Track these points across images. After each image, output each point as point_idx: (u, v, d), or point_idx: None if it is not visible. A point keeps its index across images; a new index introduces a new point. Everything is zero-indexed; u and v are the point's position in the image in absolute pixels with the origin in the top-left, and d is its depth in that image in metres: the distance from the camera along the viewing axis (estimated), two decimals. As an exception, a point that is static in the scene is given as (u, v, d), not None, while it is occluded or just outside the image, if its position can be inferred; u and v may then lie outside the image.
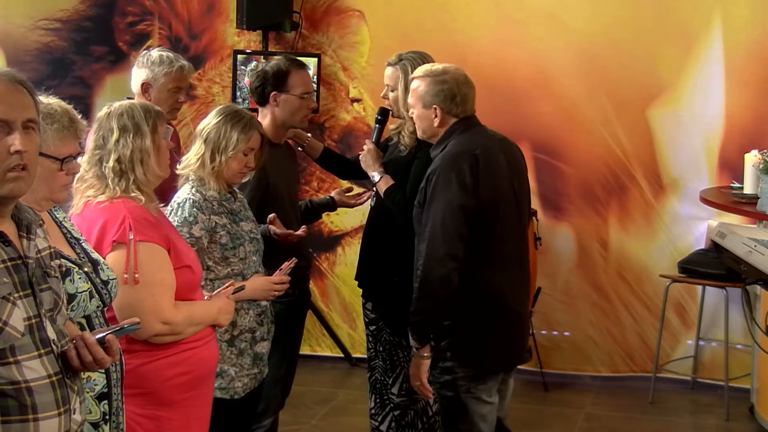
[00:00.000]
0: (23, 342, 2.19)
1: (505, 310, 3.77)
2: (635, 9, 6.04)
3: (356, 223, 6.26)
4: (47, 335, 2.24)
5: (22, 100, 2.25)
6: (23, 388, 2.17)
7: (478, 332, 3.73)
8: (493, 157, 3.74)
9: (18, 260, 2.23)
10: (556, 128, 6.09)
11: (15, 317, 2.17)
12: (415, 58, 4.32)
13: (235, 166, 3.70)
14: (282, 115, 4.32)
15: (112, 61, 6.54)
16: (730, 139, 5.96)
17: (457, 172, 3.63)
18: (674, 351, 6.17)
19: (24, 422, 2.17)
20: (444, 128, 3.79)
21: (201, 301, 3.28)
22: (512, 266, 3.80)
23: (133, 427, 3.05)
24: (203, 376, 3.25)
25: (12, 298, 2.18)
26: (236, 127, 3.69)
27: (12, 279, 2.20)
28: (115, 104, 3.22)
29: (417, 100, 3.81)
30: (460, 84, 3.78)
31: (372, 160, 4.35)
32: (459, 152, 3.69)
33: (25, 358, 2.19)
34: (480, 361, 3.74)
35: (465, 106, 3.79)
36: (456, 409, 3.78)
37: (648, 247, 6.15)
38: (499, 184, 3.72)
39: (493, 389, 3.81)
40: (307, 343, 6.41)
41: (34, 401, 2.18)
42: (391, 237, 4.34)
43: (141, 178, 3.13)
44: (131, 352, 3.06)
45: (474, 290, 3.69)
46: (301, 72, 4.35)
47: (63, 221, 2.88)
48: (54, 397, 2.22)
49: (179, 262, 3.16)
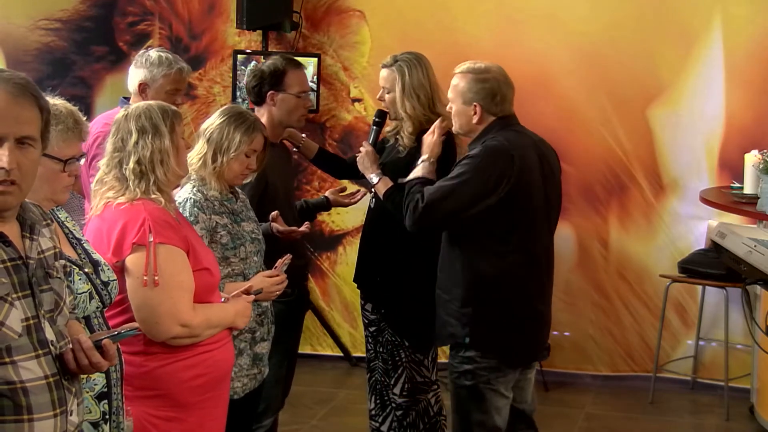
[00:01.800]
0: (20, 342, 2.18)
1: (530, 305, 3.89)
2: (635, 9, 6.05)
3: (357, 223, 6.26)
4: (45, 336, 2.23)
5: (21, 114, 2.19)
6: (19, 389, 2.16)
7: (502, 324, 3.83)
8: (528, 158, 3.83)
9: (18, 260, 2.22)
10: (556, 128, 6.08)
11: (12, 318, 2.16)
12: (410, 59, 4.33)
13: (237, 168, 3.70)
14: (279, 115, 4.32)
15: (113, 61, 6.54)
16: (730, 139, 5.97)
17: (492, 165, 3.74)
18: (674, 351, 6.17)
19: (18, 422, 2.16)
20: (482, 126, 3.87)
21: (218, 303, 3.28)
22: (540, 263, 3.91)
23: (149, 429, 3.06)
24: (219, 378, 3.25)
25: (10, 299, 2.17)
26: (240, 128, 3.70)
27: (11, 279, 2.19)
28: (131, 106, 3.23)
29: (457, 96, 3.89)
30: (501, 83, 3.87)
31: (370, 162, 4.36)
32: (496, 148, 3.78)
33: (22, 358, 2.18)
34: (502, 353, 3.83)
35: (504, 106, 3.88)
36: (473, 398, 3.85)
37: (648, 247, 6.15)
38: (531, 183, 3.81)
39: (510, 384, 3.90)
40: (308, 342, 6.41)
41: (29, 402, 2.17)
42: (390, 238, 4.35)
43: (162, 179, 3.14)
44: (149, 354, 3.08)
45: (502, 282, 3.80)
46: (297, 71, 4.35)
47: (65, 221, 2.88)
48: (50, 398, 2.21)
49: (198, 264, 3.16)
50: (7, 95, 2.18)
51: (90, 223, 3.15)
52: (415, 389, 4.43)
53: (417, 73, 4.31)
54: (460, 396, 3.91)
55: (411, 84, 4.29)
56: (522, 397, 4.02)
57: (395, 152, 4.39)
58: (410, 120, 4.30)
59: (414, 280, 4.31)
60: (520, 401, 4.01)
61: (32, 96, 2.22)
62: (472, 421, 3.88)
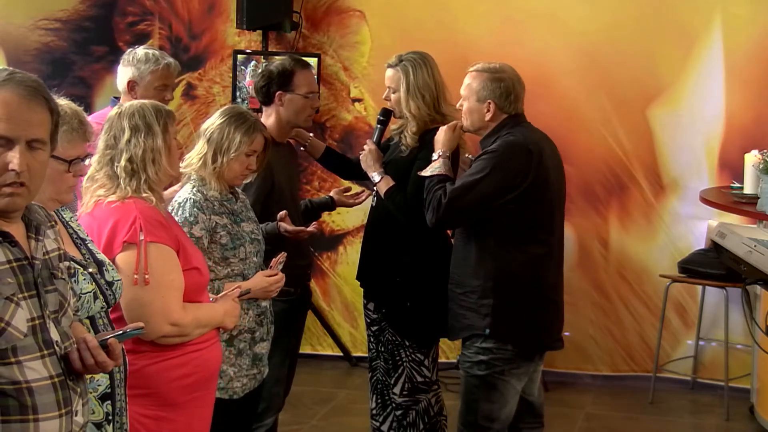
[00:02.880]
0: (26, 343, 2.19)
1: (546, 295, 4.02)
2: (635, 9, 6.05)
3: (358, 222, 6.26)
4: (50, 337, 2.24)
5: (32, 117, 2.21)
6: (24, 389, 2.17)
7: (522, 315, 3.94)
8: (544, 151, 3.97)
9: (24, 261, 2.22)
10: (556, 128, 6.03)
11: (18, 318, 2.17)
12: (415, 59, 4.33)
13: (237, 168, 3.70)
14: (286, 115, 4.33)
15: (113, 61, 6.48)
16: (730, 139, 5.97)
17: (512, 160, 3.87)
18: (674, 351, 6.17)
19: (24, 422, 2.17)
20: (494, 123, 3.99)
21: (208, 303, 3.29)
22: (554, 254, 4.05)
23: (137, 428, 3.05)
24: (207, 378, 3.26)
25: (16, 299, 2.18)
26: (240, 128, 3.69)
27: (17, 279, 2.19)
28: (125, 104, 3.23)
29: (471, 93, 4.01)
30: (515, 83, 4.02)
31: (372, 160, 4.36)
32: (515, 143, 3.91)
33: (27, 358, 2.18)
34: (520, 344, 3.94)
35: (516, 104, 4.02)
36: (484, 388, 3.95)
37: (648, 247, 6.16)
38: (548, 176, 3.95)
39: (524, 378, 4.01)
40: (309, 342, 6.41)
41: (34, 402, 2.17)
42: (392, 237, 4.35)
43: (153, 178, 3.14)
44: (138, 353, 3.07)
45: (522, 273, 3.92)
46: (305, 72, 4.37)
47: (69, 221, 2.88)
48: (55, 399, 2.21)
49: (188, 264, 3.17)
50: (20, 98, 2.19)
51: (80, 221, 3.14)
52: (415, 389, 4.43)
53: (422, 73, 4.30)
54: (470, 384, 3.99)
55: (416, 84, 4.30)
56: (531, 390, 4.13)
57: (398, 152, 4.39)
58: (415, 120, 4.30)
59: (416, 279, 4.30)
60: (529, 393, 4.11)
61: (44, 98, 2.23)
62: (479, 410, 3.97)
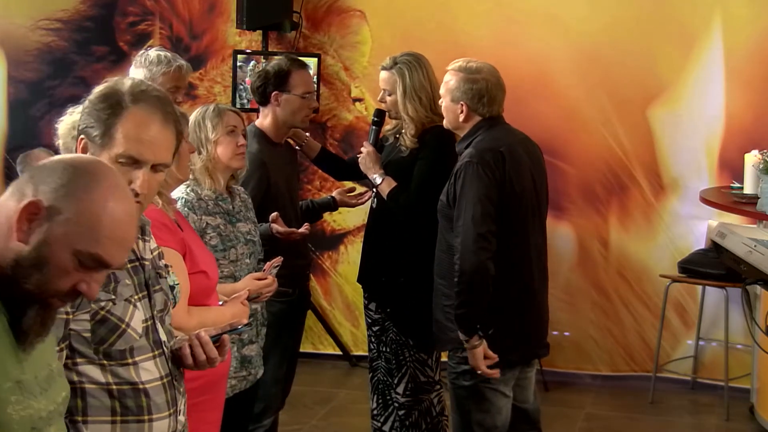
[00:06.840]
0: (141, 343, 2.24)
1: (526, 302, 3.87)
2: (635, 9, 6.05)
3: (358, 222, 6.26)
4: (159, 337, 2.29)
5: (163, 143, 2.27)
6: (141, 390, 2.23)
7: (499, 323, 3.79)
8: (517, 154, 3.84)
9: (136, 262, 2.26)
10: (556, 128, 6.10)
11: (135, 319, 2.22)
12: (410, 60, 4.33)
13: (227, 149, 3.74)
14: (283, 115, 4.33)
15: (113, 61, 6.54)
16: (730, 139, 5.97)
17: (484, 166, 3.73)
18: (674, 351, 6.17)
19: (140, 422, 2.23)
20: (468, 124, 3.88)
21: (215, 306, 3.28)
22: (532, 260, 3.90)
23: None
24: (215, 381, 3.24)
25: (133, 300, 2.22)
26: (207, 116, 3.78)
27: (132, 281, 2.24)
28: None
29: (447, 93, 3.91)
30: (491, 85, 3.88)
31: (372, 162, 4.36)
32: (485, 148, 3.79)
33: (142, 359, 2.24)
34: (500, 351, 3.79)
35: (492, 107, 3.88)
36: (473, 398, 3.85)
37: (648, 247, 6.16)
38: (522, 179, 3.82)
39: (510, 382, 3.89)
40: (309, 341, 6.42)
41: (149, 402, 2.24)
42: (393, 237, 4.36)
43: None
44: None
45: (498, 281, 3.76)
46: (302, 72, 4.37)
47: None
48: (165, 398, 2.27)
49: (194, 267, 3.16)
50: (160, 123, 2.26)
51: None
52: (418, 389, 4.43)
53: (417, 75, 4.31)
54: (459, 397, 3.90)
55: (412, 86, 4.29)
56: (524, 397, 4.01)
57: (397, 152, 4.39)
58: (413, 122, 4.30)
59: (418, 279, 4.30)
60: (522, 401, 4.00)
61: (174, 122, 2.30)
62: (473, 420, 3.87)
